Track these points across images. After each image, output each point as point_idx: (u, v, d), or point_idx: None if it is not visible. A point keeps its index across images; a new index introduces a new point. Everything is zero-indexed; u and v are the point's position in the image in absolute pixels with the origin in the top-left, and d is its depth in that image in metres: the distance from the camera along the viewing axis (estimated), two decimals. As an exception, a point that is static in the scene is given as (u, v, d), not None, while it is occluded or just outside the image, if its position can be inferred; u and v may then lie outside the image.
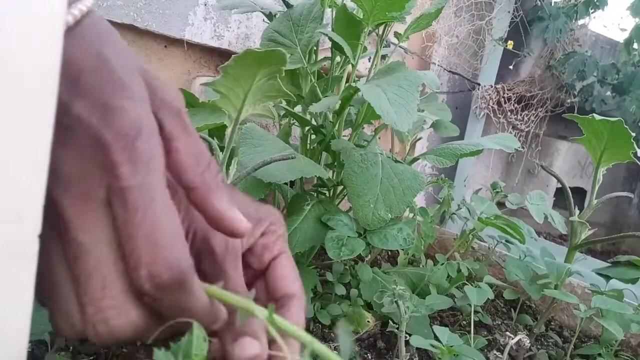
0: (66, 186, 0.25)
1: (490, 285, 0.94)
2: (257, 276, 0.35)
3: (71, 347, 0.59)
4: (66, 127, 0.24)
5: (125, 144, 0.25)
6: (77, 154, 0.25)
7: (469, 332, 0.68)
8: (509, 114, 1.88)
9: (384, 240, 0.68)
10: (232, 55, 0.43)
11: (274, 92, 0.48)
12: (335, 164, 0.80)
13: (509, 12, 1.76)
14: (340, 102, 0.70)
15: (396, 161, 0.73)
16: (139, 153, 0.25)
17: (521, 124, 1.96)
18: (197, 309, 0.27)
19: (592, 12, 1.94)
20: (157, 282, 0.25)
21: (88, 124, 0.25)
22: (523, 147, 2.05)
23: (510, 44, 1.79)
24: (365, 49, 0.75)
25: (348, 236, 0.68)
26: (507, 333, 0.68)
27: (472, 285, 0.74)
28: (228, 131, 0.50)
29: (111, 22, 0.93)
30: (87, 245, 0.25)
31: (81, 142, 0.25)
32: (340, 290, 0.76)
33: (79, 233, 0.25)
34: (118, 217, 0.25)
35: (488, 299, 0.71)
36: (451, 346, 0.55)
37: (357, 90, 0.63)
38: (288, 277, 0.35)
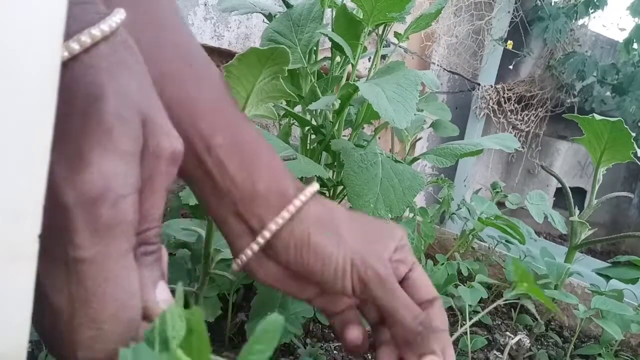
0: None
1: (490, 285, 0.94)
2: None
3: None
4: None
5: (87, 209, 0.23)
6: None
7: (471, 331, 0.68)
8: (509, 114, 1.88)
9: (383, 240, 0.68)
10: (236, 55, 0.43)
11: (277, 92, 0.48)
12: (335, 164, 0.80)
13: (508, 12, 1.77)
14: (339, 101, 0.70)
15: (396, 161, 0.73)
16: (101, 221, 0.23)
17: (521, 124, 1.97)
18: None
19: (591, 12, 1.94)
20: None
21: (54, 182, 0.22)
22: (523, 147, 2.05)
23: (510, 44, 1.79)
24: (365, 49, 0.75)
25: None
26: (507, 333, 0.68)
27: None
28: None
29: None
30: (57, 305, 0.24)
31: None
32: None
33: (50, 293, 0.24)
34: (70, 286, 0.23)
35: (488, 298, 0.71)
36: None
37: (356, 88, 0.63)
38: (426, 283, 0.38)
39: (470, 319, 0.83)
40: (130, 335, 0.25)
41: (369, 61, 0.81)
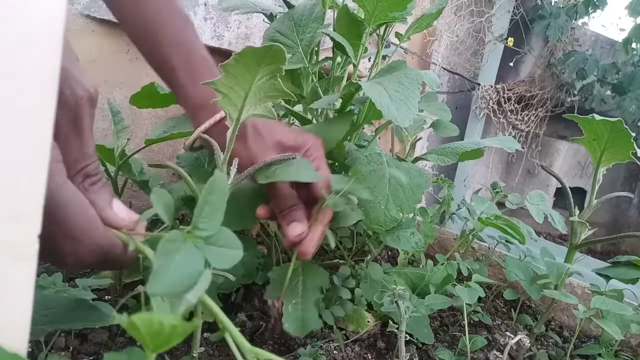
0: None
1: (490, 285, 0.94)
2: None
3: (71, 347, 0.59)
4: None
5: None
6: None
7: (471, 331, 0.68)
8: (509, 114, 1.88)
9: (396, 240, 0.68)
10: (233, 54, 0.43)
11: (275, 92, 0.47)
12: (336, 164, 0.80)
13: (508, 11, 1.76)
14: (341, 100, 0.70)
15: (400, 160, 0.73)
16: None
17: (521, 124, 1.96)
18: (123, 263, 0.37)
19: (591, 12, 1.94)
20: (84, 265, 0.34)
21: None
22: (523, 147, 2.05)
23: (510, 41, 1.79)
24: (366, 49, 0.75)
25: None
26: (507, 333, 0.68)
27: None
28: (229, 132, 0.50)
29: (111, 22, 0.92)
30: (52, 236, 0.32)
31: None
32: (345, 291, 0.76)
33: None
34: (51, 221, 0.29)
35: (488, 298, 0.71)
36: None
37: (358, 87, 0.63)
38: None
39: (470, 318, 0.83)
40: (103, 238, 0.34)
41: (369, 61, 0.81)
